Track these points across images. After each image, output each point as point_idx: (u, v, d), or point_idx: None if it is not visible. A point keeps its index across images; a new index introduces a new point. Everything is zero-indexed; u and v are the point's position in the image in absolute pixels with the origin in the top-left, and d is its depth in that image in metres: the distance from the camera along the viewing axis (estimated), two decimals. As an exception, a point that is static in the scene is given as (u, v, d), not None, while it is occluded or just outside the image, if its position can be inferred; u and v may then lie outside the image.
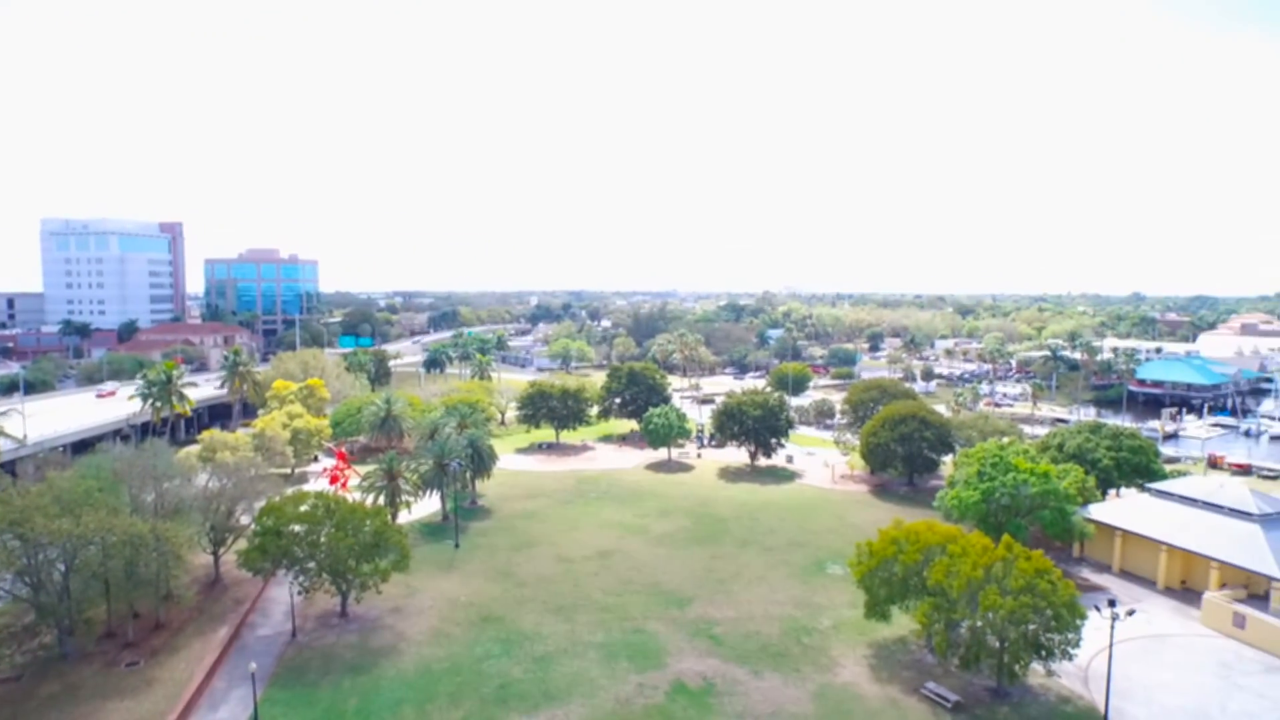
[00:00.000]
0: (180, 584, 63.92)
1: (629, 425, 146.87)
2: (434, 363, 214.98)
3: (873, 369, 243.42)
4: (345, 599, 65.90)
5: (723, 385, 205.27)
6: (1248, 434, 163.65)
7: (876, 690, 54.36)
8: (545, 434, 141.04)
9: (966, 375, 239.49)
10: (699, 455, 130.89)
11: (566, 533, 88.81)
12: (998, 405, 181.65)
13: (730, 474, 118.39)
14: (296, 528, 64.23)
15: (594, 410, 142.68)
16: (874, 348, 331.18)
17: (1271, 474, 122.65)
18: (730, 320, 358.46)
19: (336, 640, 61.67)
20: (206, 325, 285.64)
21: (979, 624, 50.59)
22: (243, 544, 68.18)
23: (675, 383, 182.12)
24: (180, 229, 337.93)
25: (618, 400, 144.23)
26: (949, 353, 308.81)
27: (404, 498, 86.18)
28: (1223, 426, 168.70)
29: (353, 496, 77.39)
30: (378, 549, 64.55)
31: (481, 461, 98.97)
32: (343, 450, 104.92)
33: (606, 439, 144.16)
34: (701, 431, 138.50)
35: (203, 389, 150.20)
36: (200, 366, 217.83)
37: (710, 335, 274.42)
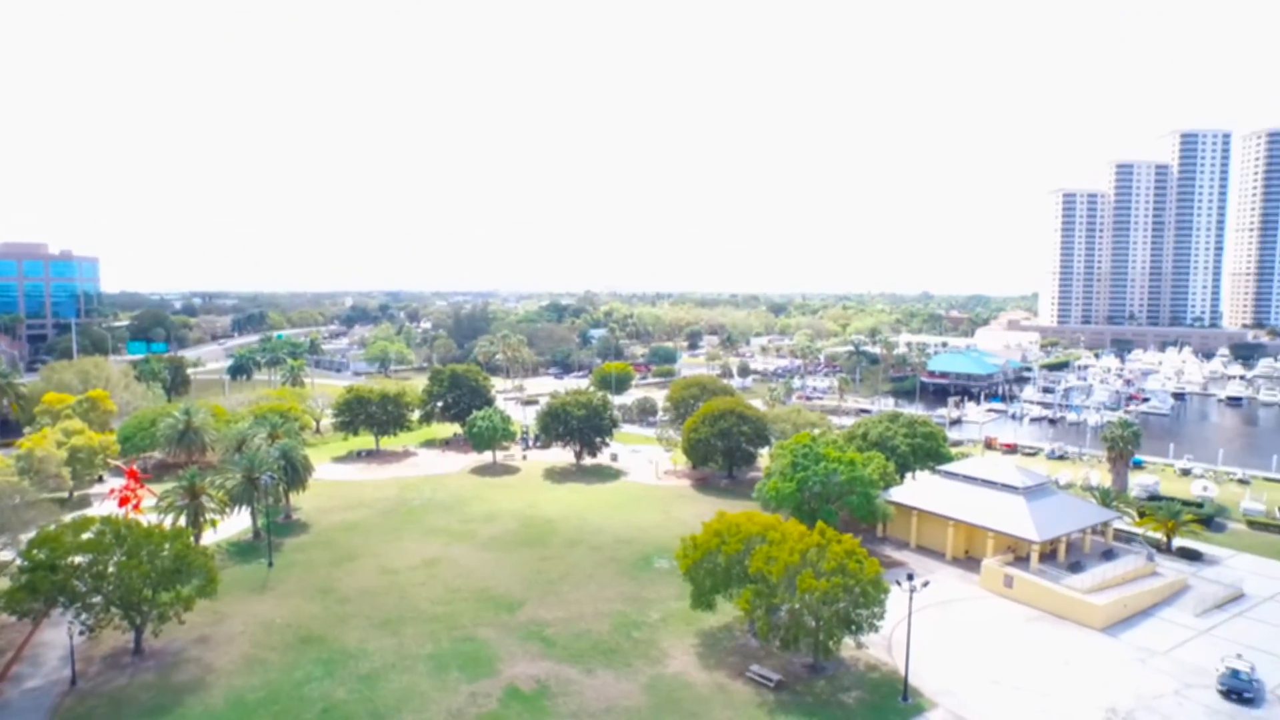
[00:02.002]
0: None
1: (452, 429, 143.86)
2: (240, 369, 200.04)
3: (692, 366, 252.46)
4: (140, 634, 59.80)
5: (547, 386, 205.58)
6: (1014, 417, 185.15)
7: (705, 677, 56.80)
8: (364, 441, 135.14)
9: (780, 370, 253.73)
10: (524, 457, 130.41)
11: (390, 543, 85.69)
12: (809, 398, 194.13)
13: (556, 474, 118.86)
14: (78, 559, 57.51)
15: (415, 415, 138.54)
16: (693, 346, 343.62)
17: (1031, 451, 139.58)
18: (553, 320, 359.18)
19: (129, 682, 55.87)
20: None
21: (797, 606, 54.17)
22: (4, 583, 59.59)
23: (499, 384, 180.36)
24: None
25: (440, 404, 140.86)
26: (764, 349, 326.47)
27: (209, 516, 79.49)
28: (995, 411, 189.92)
29: (148, 519, 70.42)
30: (179, 574, 59.24)
31: (296, 473, 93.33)
32: (134, 468, 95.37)
33: (429, 444, 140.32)
34: (526, 433, 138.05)
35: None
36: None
37: (533, 336, 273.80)
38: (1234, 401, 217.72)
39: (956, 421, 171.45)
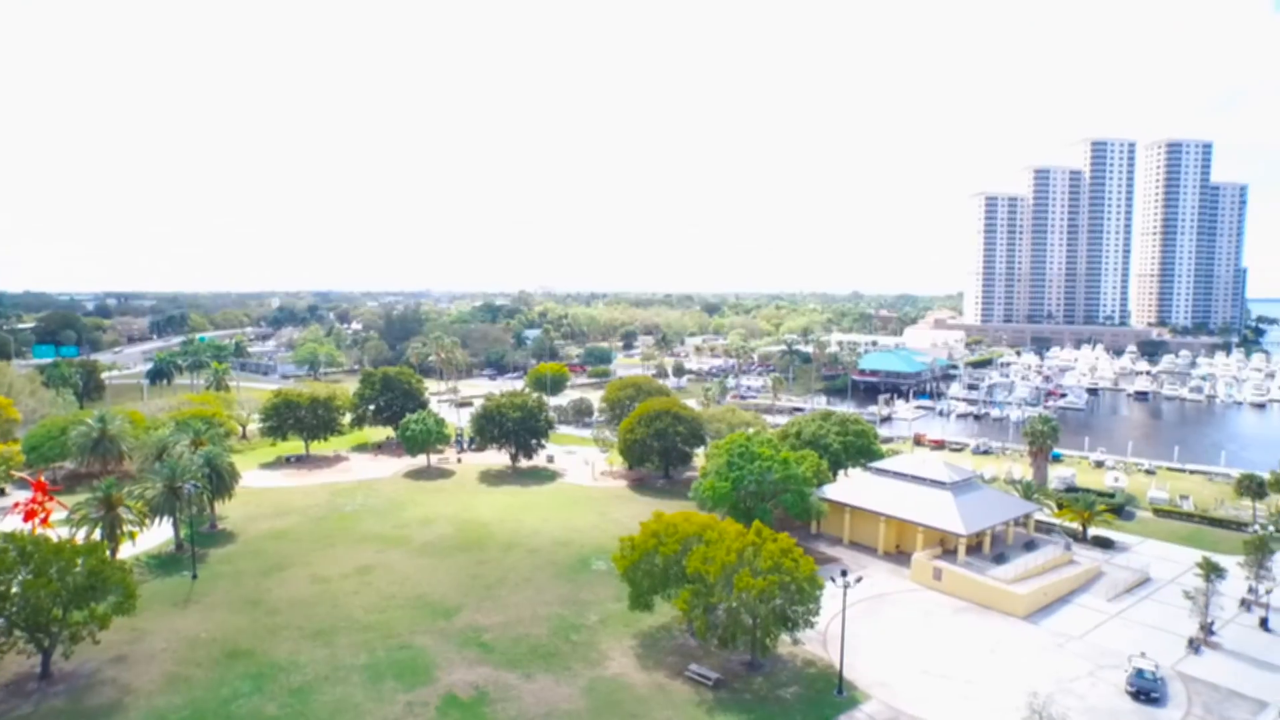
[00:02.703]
0: None
1: (385, 432, 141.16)
2: (160, 374, 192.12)
3: (628, 366, 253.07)
4: (48, 657, 56.33)
5: (481, 387, 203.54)
6: (941, 414, 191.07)
7: (644, 678, 57.02)
8: (294, 446, 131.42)
9: (714, 370, 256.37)
10: (459, 460, 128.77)
11: (322, 550, 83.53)
12: (743, 398, 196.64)
13: (492, 477, 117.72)
14: (-24, 579, 54.13)
15: (347, 418, 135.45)
16: (628, 346, 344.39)
17: (958, 446, 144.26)
18: (487, 321, 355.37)
19: (34, 710, 52.40)
20: None
21: (734, 605, 54.77)
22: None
23: (432, 386, 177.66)
24: None
25: (372, 407, 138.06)
26: (698, 349, 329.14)
27: (127, 528, 76.01)
28: (924, 408, 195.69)
29: (58, 533, 67.04)
30: (93, 592, 56.36)
31: (221, 481, 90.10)
32: (42, 480, 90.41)
33: (361, 448, 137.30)
34: (461, 435, 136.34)
35: None
36: None
37: (467, 336, 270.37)
38: (1141, 396, 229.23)
39: (887, 419, 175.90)
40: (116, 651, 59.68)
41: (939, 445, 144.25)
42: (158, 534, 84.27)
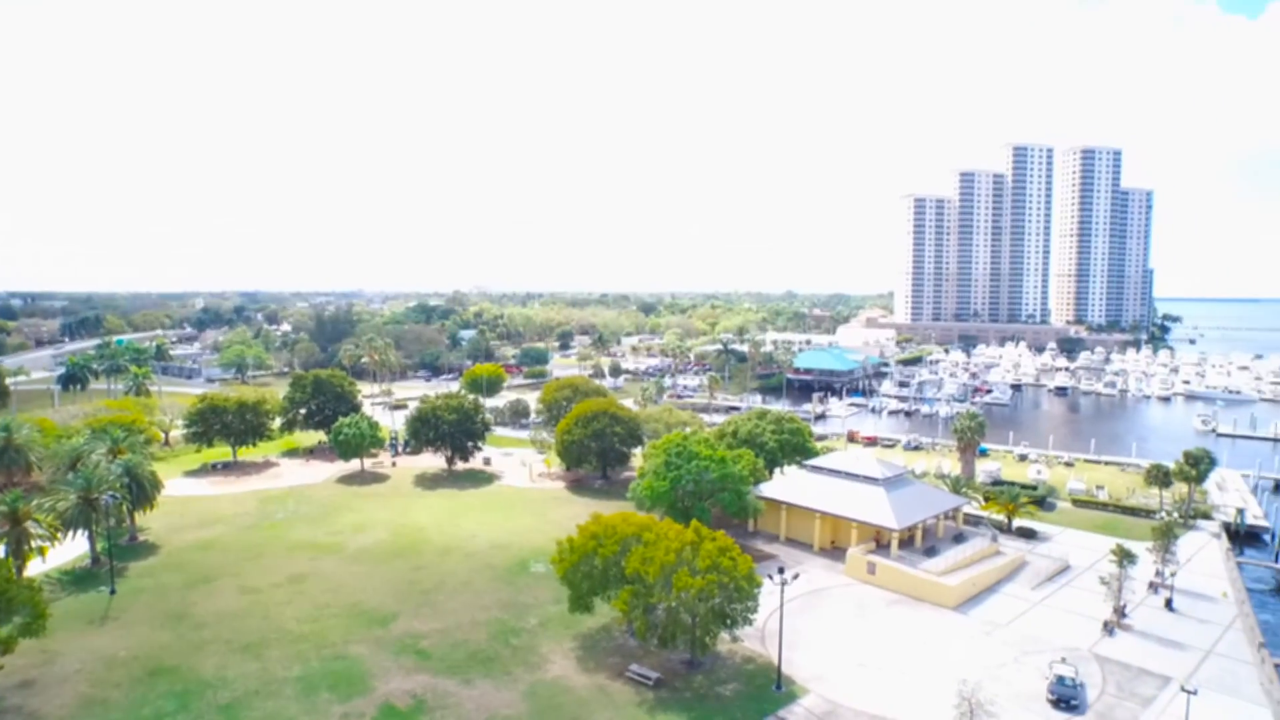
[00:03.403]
0: None
1: (317, 437, 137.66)
2: (74, 378, 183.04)
3: (564, 367, 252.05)
4: (-53, 683, 53.39)
5: (416, 389, 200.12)
6: (874, 411, 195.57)
7: (585, 680, 56.88)
8: (220, 453, 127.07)
9: (651, 370, 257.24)
10: (394, 464, 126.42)
11: (251, 560, 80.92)
12: (680, 397, 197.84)
13: (428, 481, 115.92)
14: None
15: (277, 423, 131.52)
16: (564, 346, 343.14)
17: (890, 443, 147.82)
18: (421, 322, 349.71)
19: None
20: None
21: (674, 604, 55.05)
22: None
23: (365, 389, 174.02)
24: None
25: (303, 411, 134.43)
26: (635, 349, 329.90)
27: (36, 544, 72.16)
28: (857, 406, 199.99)
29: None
30: (-3, 612, 53.37)
31: (142, 490, 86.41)
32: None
33: (292, 453, 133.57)
34: (395, 439, 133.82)
35: None
36: None
37: (400, 338, 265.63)
38: (1060, 391, 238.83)
39: (821, 416, 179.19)
40: (23, 676, 56.43)
41: (872, 442, 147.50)
42: (71, 548, 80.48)
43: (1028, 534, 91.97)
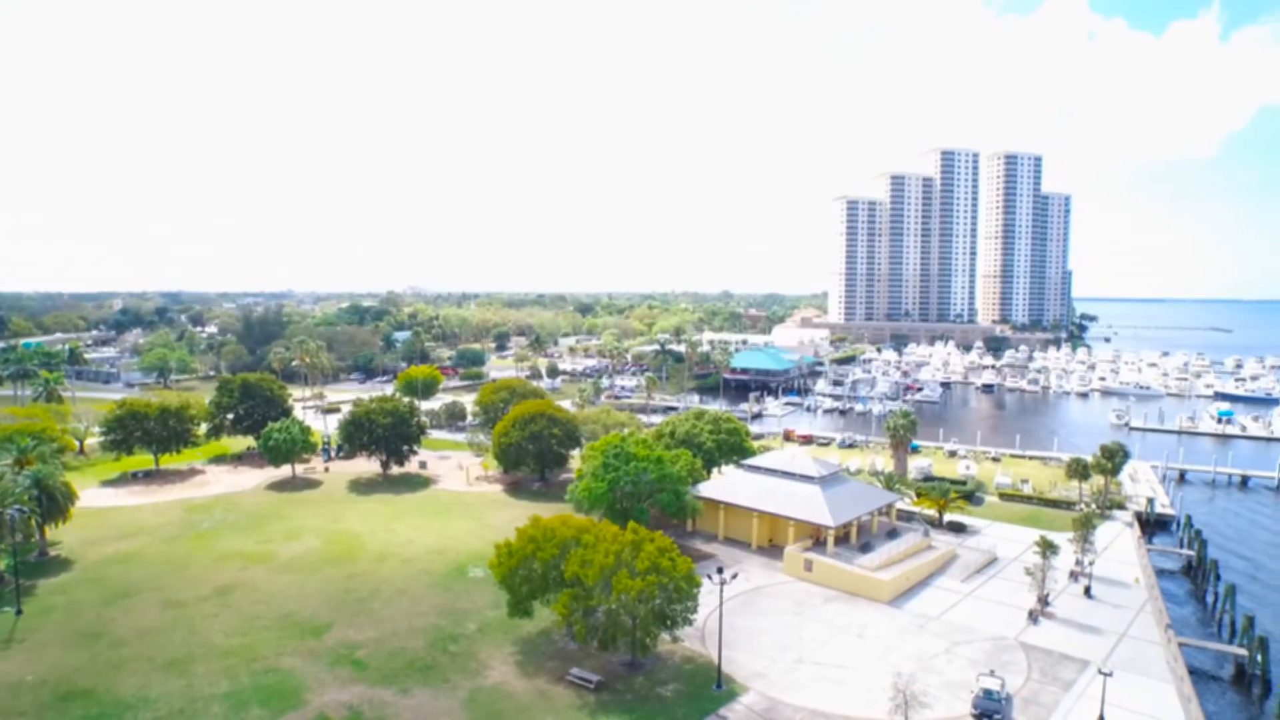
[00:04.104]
0: None
1: (246, 442, 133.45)
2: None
3: (501, 368, 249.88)
4: None
5: (349, 393, 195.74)
6: (809, 409, 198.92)
7: (525, 685, 56.37)
8: (142, 461, 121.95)
9: (589, 370, 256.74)
10: (327, 469, 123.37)
11: (175, 573, 77.82)
12: (618, 398, 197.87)
13: (362, 486, 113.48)
14: None
15: (203, 429, 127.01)
16: (501, 347, 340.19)
17: (825, 441, 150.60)
18: (354, 323, 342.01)
19: None
20: None
21: (614, 606, 54.99)
22: None
23: (296, 393, 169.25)
24: None
25: (231, 416, 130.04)
26: (572, 350, 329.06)
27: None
28: (793, 405, 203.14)
29: None
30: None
31: (53, 502, 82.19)
32: None
33: (220, 460, 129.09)
34: (328, 443, 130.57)
35: None
36: None
37: (333, 339, 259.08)
38: (987, 389, 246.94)
39: (758, 415, 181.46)
40: (-80, 704, 53.30)
41: (807, 440, 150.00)
42: (-23, 565, 76.19)
43: (958, 528, 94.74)
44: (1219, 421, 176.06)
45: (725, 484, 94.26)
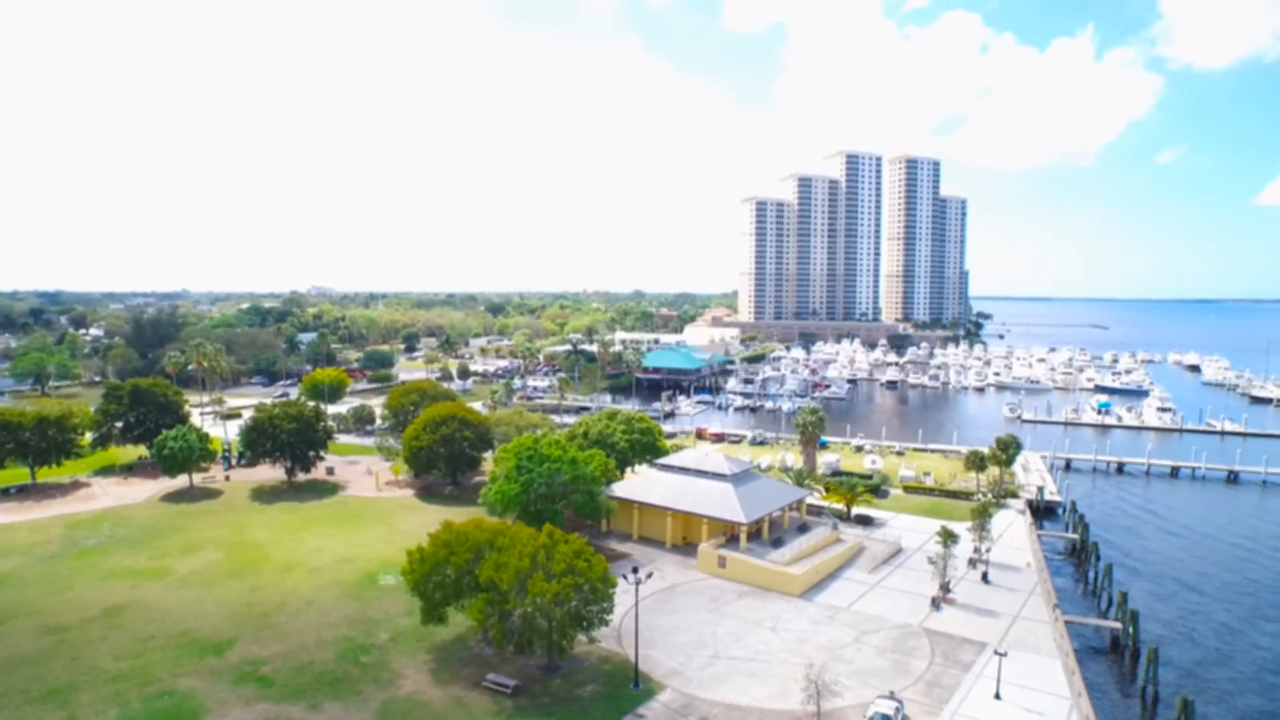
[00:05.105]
0: None
1: (138, 452, 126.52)
2: None
3: (411, 370, 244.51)
4: None
5: (251, 397, 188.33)
6: (720, 408, 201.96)
7: (440, 693, 55.31)
8: (16, 474, 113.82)
9: (500, 371, 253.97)
10: (228, 478, 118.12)
11: (55, 595, 72.90)
12: (530, 399, 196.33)
13: (266, 494, 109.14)
14: None
15: (87, 438, 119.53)
16: (411, 349, 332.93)
17: (736, 439, 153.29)
18: (255, 325, 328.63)
19: None
20: None
21: (530, 610, 54.56)
22: None
23: (193, 398, 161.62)
24: None
25: (120, 424, 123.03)
26: (483, 350, 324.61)
27: None
28: (704, 403, 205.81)
29: None
30: None
31: (-83, 522, 76.10)
32: None
33: (107, 471, 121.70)
34: (229, 451, 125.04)
35: None
36: None
37: (233, 342, 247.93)
38: (891, 385, 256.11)
39: (670, 414, 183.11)
40: None
41: (719, 438, 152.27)
42: None
43: (865, 521, 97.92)
44: (1099, 413, 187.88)
45: (639, 484, 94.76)
